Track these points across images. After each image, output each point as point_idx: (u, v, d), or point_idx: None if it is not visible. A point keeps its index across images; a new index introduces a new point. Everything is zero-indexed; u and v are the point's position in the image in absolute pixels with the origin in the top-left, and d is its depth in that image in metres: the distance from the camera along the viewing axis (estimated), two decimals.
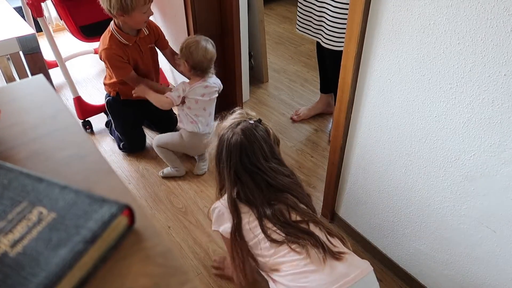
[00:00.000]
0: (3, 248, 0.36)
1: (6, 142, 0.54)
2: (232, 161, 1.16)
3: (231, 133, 1.16)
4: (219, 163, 1.21)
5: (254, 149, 1.15)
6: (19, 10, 2.41)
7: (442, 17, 1.03)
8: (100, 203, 0.40)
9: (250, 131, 1.16)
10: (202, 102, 1.91)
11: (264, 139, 1.19)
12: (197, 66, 1.83)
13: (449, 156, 1.18)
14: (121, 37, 1.82)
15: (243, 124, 1.18)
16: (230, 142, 1.16)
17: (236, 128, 1.17)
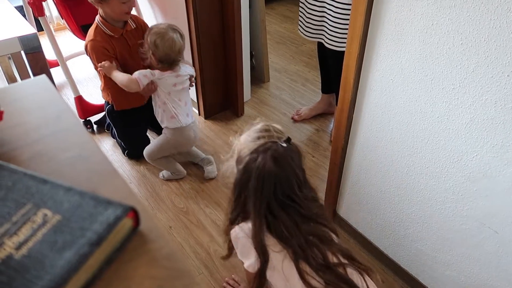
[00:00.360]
0: (8, 250, 0.36)
1: (9, 143, 0.53)
2: (264, 193, 0.98)
3: (262, 161, 0.96)
4: (242, 191, 1.02)
5: (290, 179, 0.98)
6: (20, 9, 2.40)
7: (445, 17, 1.03)
8: (105, 205, 0.40)
9: (284, 159, 0.98)
10: (175, 93, 1.82)
11: (299, 165, 1.02)
12: (164, 59, 1.73)
13: (452, 156, 1.18)
14: (105, 28, 1.81)
15: (274, 149, 0.98)
16: (261, 171, 0.96)
17: (267, 153, 0.97)
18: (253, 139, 1.02)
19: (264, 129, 1.04)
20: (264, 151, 0.97)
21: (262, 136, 1.02)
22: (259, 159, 0.97)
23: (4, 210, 0.39)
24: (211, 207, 1.88)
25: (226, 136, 2.31)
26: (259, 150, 0.98)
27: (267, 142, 0.99)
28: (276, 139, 1.00)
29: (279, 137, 1.02)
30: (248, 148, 1.00)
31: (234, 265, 1.62)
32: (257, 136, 1.02)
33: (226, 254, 1.19)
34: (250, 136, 1.04)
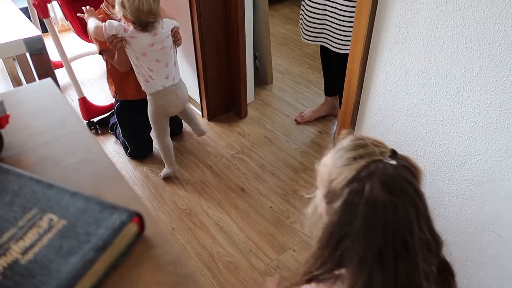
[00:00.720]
0: (14, 255, 0.36)
1: (15, 147, 0.54)
2: (375, 238, 0.70)
3: (369, 191, 0.69)
4: (342, 238, 0.72)
5: (408, 213, 0.70)
6: (25, 10, 2.42)
7: (450, 21, 1.03)
8: (110, 210, 0.40)
9: (398, 183, 0.70)
10: (152, 53, 1.70)
11: (417, 189, 0.72)
12: (135, 21, 1.62)
13: (456, 160, 1.17)
14: (107, 8, 1.83)
15: (382, 171, 0.69)
16: (370, 207, 0.69)
17: (372, 179, 0.69)
18: (347, 161, 0.73)
19: (359, 145, 0.75)
20: (369, 177, 0.69)
21: (358, 155, 0.73)
22: (366, 189, 0.69)
23: (10, 215, 0.40)
24: (214, 208, 1.88)
25: (229, 137, 2.31)
26: (361, 176, 0.70)
27: (368, 162, 0.71)
28: (379, 155, 0.71)
29: (382, 151, 0.72)
30: (343, 175, 0.72)
31: (237, 267, 1.62)
32: (351, 157, 0.73)
33: None
34: (341, 158, 0.75)
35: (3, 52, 1.42)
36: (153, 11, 1.62)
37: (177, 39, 1.79)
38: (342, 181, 0.72)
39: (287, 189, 1.98)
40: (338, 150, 0.76)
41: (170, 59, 1.77)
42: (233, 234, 1.76)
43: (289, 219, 1.83)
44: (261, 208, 1.88)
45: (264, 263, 1.64)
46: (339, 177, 0.72)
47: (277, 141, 2.28)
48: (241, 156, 2.18)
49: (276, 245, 1.71)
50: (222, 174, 2.07)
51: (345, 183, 0.71)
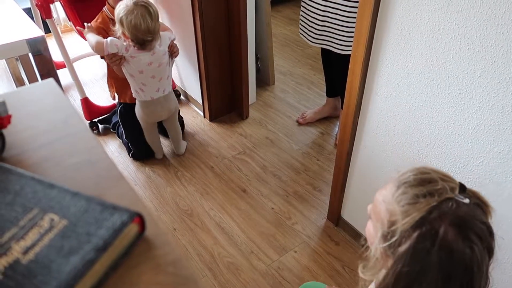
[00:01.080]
0: (15, 255, 0.36)
1: (17, 147, 0.54)
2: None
3: (442, 236, 0.59)
4: (408, 284, 0.63)
5: (484, 263, 0.62)
6: (28, 11, 2.43)
7: (452, 22, 1.03)
8: (111, 211, 0.40)
9: (473, 226, 0.61)
10: (149, 71, 1.75)
11: (491, 233, 0.64)
12: (133, 38, 1.64)
13: (458, 162, 1.17)
14: (109, 12, 1.85)
15: (454, 212, 0.61)
16: (446, 256, 0.59)
17: (444, 222, 0.60)
18: (412, 199, 0.63)
19: (425, 180, 0.64)
20: (441, 219, 0.60)
21: (426, 192, 0.62)
22: (440, 234, 0.59)
23: (12, 215, 0.40)
24: (216, 209, 1.88)
25: (231, 138, 2.32)
26: (432, 218, 0.60)
27: (439, 201, 0.61)
28: (449, 192, 0.62)
29: (452, 187, 0.63)
30: (409, 216, 0.62)
31: (238, 268, 1.62)
32: (417, 194, 0.63)
33: None
34: (405, 195, 0.64)
35: (6, 52, 1.43)
36: (151, 29, 1.62)
37: (173, 52, 1.82)
38: (408, 222, 0.62)
39: (289, 190, 1.98)
40: (400, 185, 0.66)
41: (164, 74, 1.82)
42: (234, 235, 1.76)
43: (290, 220, 1.83)
44: (262, 209, 1.88)
45: (265, 264, 1.64)
46: (404, 218, 0.62)
47: (278, 142, 2.28)
48: (243, 157, 2.18)
49: (277, 246, 1.71)
50: (224, 175, 2.07)
51: (413, 225, 0.61)
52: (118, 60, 1.69)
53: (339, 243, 1.72)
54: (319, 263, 1.64)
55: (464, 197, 0.62)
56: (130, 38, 1.64)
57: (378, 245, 0.68)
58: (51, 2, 2.12)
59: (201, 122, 2.45)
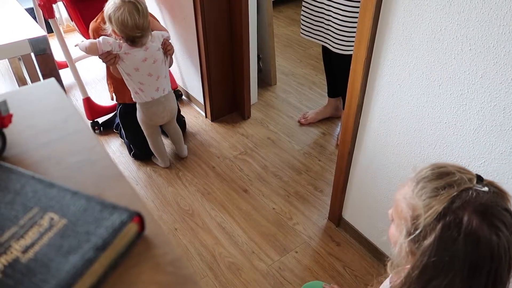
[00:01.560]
0: (15, 253, 0.36)
1: (18, 146, 0.54)
2: (480, 278, 0.61)
3: (466, 224, 0.60)
4: (433, 275, 0.63)
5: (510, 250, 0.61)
6: (31, 11, 2.43)
7: (454, 23, 1.02)
8: (111, 210, 0.40)
9: (495, 214, 0.61)
10: (145, 68, 1.74)
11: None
12: (124, 36, 1.64)
13: (459, 162, 1.17)
14: None
15: (475, 200, 0.62)
16: (473, 244, 0.60)
17: (467, 210, 0.61)
18: (433, 192, 0.64)
19: (442, 173, 0.66)
20: (464, 207, 0.61)
21: (445, 184, 0.64)
22: (464, 222, 0.60)
23: (12, 214, 0.40)
24: (217, 209, 1.88)
25: (232, 138, 2.32)
26: (454, 207, 0.61)
27: (459, 191, 0.62)
28: (468, 182, 0.64)
29: (470, 178, 0.65)
30: (432, 208, 0.63)
31: (239, 268, 1.62)
32: (437, 187, 0.64)
33: None
34: (424, 189, 0.66)
35: (8, 52, 1.43)
36: (139, 25, 1.61)
37: (167, 50, 1.80)
38: (431, 215, 0.63)
39: (290, 190, 1.98)
40: (418, 181, 0.67)
41: (161, 72, 1.80)
42: (236, 235, 1.76)
43: (291, 221, 1.83)
44: (263, 209, 1.88)
45: (266, 264, 1.64)
46: (427, 211, 0.63)
47: (280, 143, 2.28)
48: (244, 157, 2.18)
49: (278, 246, 1.71)
50: (225, 175, 2.07)
51: (436, 217, 0.62)
52: (113, 59, 1.69)
53: (340, 243, 1.72)
54: (320, 264, 1.64)
55: (482, 186, 0.63)
56: (120, 35, 1.64)
57: (403, 242, 0.68)
58: (53, 2, 2.13)
59: (203, 122, 2.46)
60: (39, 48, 1.46)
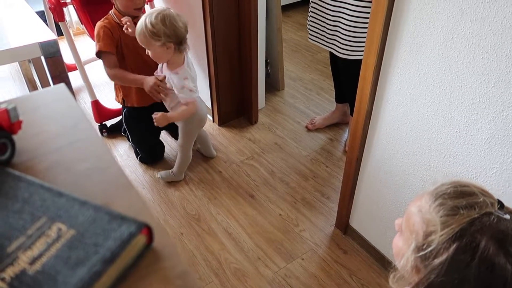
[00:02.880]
0: (22, 265, 0.35)
1: (27, 152, 0.54)
2: None
3: (483, 249, 0.58)
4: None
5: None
6: (42, 14, 2.46)
7: (466, 31, 1.01)
8: (119, 221, 0.39)
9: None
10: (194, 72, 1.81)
11: None
12: (177, 39, 1.61)
13: (470, 172, 1.15)
14: (115, 16, 1.83)
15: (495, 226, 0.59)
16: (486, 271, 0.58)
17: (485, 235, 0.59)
18: (452, 210, 0.62)
19: (464, 192, 0.64)
20: (482, 232, 0.58)
21: (466, 204, 0.61)
22: (480, 247, 0.58)
23: (20, 223, 0.40)
24: (223, 214, 1.87)
25: (239, 143, 2.31)
26: (472, 230, 0.59)
27: (480, 214, 0.60)
28: (490, 207, 0.61)
29: (492, 202, 0.62)
30: (448, 227, 0.61)
31: (244, 274, 1.61)
32: (457, 205, 0.62)
33: None
34: (443, 206, 0.63)
35: (19, 55, 1.44)
36: (185, 23, 1.66)
37: None
38: (447, 233, 0.60)
39: (297, 196, 1.97)
40: (437, 196, 0.65)
41: None
42: (242, 240, 1.75)
43: (298, 227, 1.81)
44: (270, 215, 1.87)
45: (272, 271, 1.63)
46: (443, 228, 0.61)
47: (287, 148, 2.27)
48: (251, 162, 2.17)
49: (285, 253, 1.70)
50: (232, 180, 2.06)
51: (451, 237, 0.60)
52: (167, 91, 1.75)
53: (347, 251, 1.70)
54: (326, 272, 1.63)
55: (504, 212, 0.61)
56: (178, 41, 1.62)
57: (410, 256, 0.66)
58: (64, 6, 2.15)
59: (210, 126, 2.45)
60: (49, 51, 1.47)
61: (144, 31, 1.57)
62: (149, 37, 1.57)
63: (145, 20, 1.57)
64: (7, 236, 0.38)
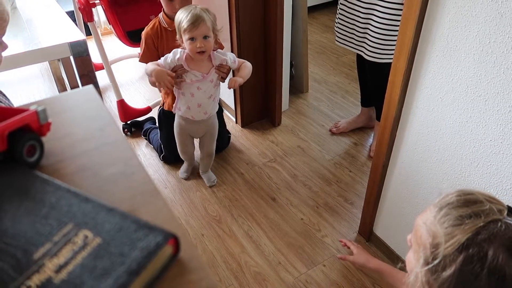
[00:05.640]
0: (48, 273, 0.35)
1: (55, 155, 0.54)
2: None
3: (491, 259, 0.55)
4: None
5: None
6: (71, 14, 2.51)
7: (504, 35, 0.96)
8: (146, 231, 0.38)
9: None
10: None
11: None
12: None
13: (504, 183, 1.10)
14: (163, 20, 1.86)
15: (504, 234, 0.57)
16: (495, 280, 0.55)
17: (493, 244, 0.56)
18: (457, 220, 0.59)
19: (469, 200, 0.61)
20: (490, 241, 0.56)
21: (472, 213, 0.59)
22: (489, 256, 0.55)
23: (46, 229, 0.39)
24: (244, 217, 1.86)
25: (262, 145, 2.30)
26: (479, 239, 0.57)
27: (486, 222, 0.58)
28: (497, 214, 0.59)
29: (500, 209, 0.60)
30: (454, 238, 0.58)
31: (265, 278, 1.60)
32: (462, 215, 0.60)
33: None
34: (448, 216, 0.61)
35: (50, 54, 1.47)
36: None
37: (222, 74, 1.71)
38: (453, 245, 0.58)
39: (319, 201, 1.94)
40: (442, 207, 0.62)
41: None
42: (262, 244, 1.73)
43: (320, 233, 1.78)
44: (291, 219, 1.85)
45: (292, 276, 1.60)
46: (449, 240, 0.59)
47: (310, 151, 2.24)
48: (273, 165, 2.15)
49: (306, 258, 1.67)
50: (254, 182, 2.05)
51: (458, 248, 0.57)
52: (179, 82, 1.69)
53: None
54: (348, 279, 1.59)
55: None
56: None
57: (419, 270, 0.63)
58: (93, 6, 2.18)
59: (233, 127, 2.45)
60: (78, 51, 1.49)
61: (209, 17, 1.56)
62: (214, 23, 1.59)
63: (200, 9, 1.56)
64: (34, 242, 0.38)
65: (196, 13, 1.53)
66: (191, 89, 1.68)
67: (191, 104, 1.72)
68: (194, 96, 1.70)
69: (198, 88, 1.68)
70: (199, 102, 1.72)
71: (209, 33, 1.57)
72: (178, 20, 1.57)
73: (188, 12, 1.54)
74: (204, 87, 1.68)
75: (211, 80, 1.68)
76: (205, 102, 1.73)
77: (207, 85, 1.69)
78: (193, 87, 1.68)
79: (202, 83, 1.67)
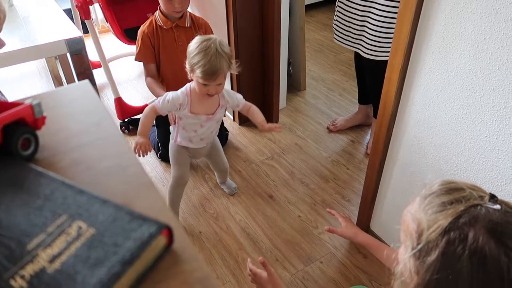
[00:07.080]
0: (41, 263, 0.35)
1: (50, 149, 0.54)
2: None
3: (473, 240, 0.56)
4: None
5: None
6: (68, 12, 2.51)
7: (499, 32, 0.97)
8: (140, 222, 0.39)
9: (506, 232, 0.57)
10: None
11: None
12: None
13: (500, 179, 1.10)
14: (159, 18, 1.85)
15: (485, 216, 0.58)
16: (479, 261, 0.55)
17: (475, 226, 0.57)
18: (440, 206, 0.62)
19: (451, 188, 0.63)
20: (471, 223, 0.57)
21: (453, 199, 0.61)
22: (469, 238, 0.56)
23: (41, 220, 0.39)
24: (241, 214, 1.87)
25: (259, 143, 2.30)
26: (461, 222, 0.58)
27: (467, 207, 0.59)
28: (478, 199, 0.61)
29: (481, 195, 0.61)
30: (436, 223, 0.60)
31: None
32: (445, 201, 0.62)
33: None
34: (431, 204, 0.63)
35: (46, 51, 1.47)
36: None
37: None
38: (436, 230, 0.59)
39: (316, 198, 1.94)
40: (425, 196, 0.65)
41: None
42: (260, 241, 1.74)
43: (317, 229, 1.79)
44: (289, 216, 1.85)
45: (290, 273, 1.61)
46: (432, 226, 0.60)
47: (307, 149, 2.24)
48: (271, 163, 2.16)
49: (303, 255, 1.68)
50: (251, 180, 2.05)
51: (441, 232, 0.59)
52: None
53: (367, 256, 1.67)
54: (345, 276, 1.60)
55: (493, 203, 0.59)
56: None
57: (407, 257, 0.64)
58: (90, 4, 2.18)
59: (230, 125, 2.45)
60: (75, 48, 1.49)
61: (226, 61, 1.38)
62: (229, 64, 1.41)
63: (218, 52, 1.35)
64: (28, 233, 0.38)
65: (214, 64, 1.34)
66: (194, 127, 1.56)
67: (193, 138, 1.61)
68: (196, 132, 1.58)
69: (201, 125, 1.56)
70: (202, 137, 1.61)
71: (223, 80, 1.43)
72: (192, 55, 1.37)
73: (204, 56, 1.34)
74: (207, 125, 1.57)
75: (217, 120, 1.60)
76: (207, 136, 1.63)
77: (211, 123, 1.58)
78: (197, 126, 1.56)
79: (207, 122, 1.56)
